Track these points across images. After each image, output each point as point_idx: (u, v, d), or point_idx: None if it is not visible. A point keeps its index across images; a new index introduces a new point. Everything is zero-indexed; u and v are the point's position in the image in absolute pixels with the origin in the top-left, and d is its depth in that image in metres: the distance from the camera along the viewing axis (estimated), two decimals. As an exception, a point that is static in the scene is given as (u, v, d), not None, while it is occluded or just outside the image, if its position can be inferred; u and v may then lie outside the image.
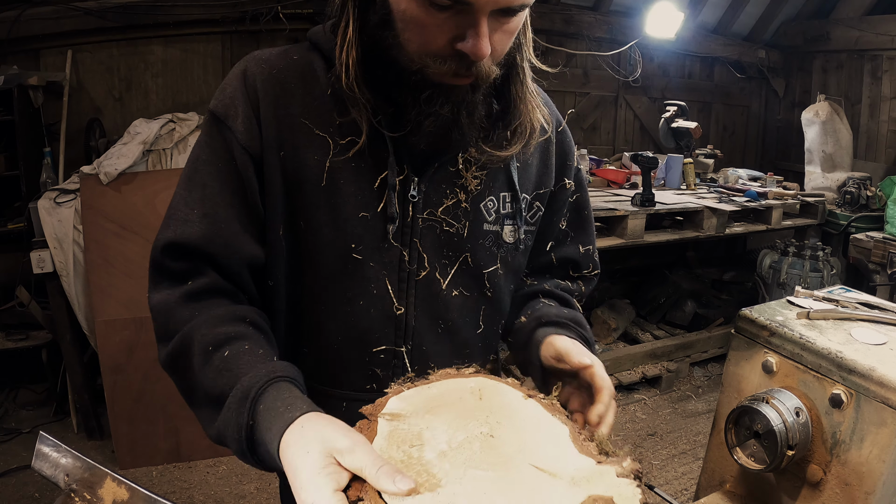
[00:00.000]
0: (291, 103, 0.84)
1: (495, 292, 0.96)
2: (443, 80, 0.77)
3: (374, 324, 0.89)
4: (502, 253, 0.95)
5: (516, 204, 0.94)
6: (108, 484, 0.81)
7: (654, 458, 2.99)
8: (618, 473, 0.70)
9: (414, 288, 0.90)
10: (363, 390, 0.92)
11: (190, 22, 3.42)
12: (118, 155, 2.81)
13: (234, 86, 0.85)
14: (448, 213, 0.89)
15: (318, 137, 0.84)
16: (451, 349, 0.95)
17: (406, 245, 0.88)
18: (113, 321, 2.70)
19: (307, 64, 0.86)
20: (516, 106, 0.86)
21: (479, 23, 0.71)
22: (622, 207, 3.24)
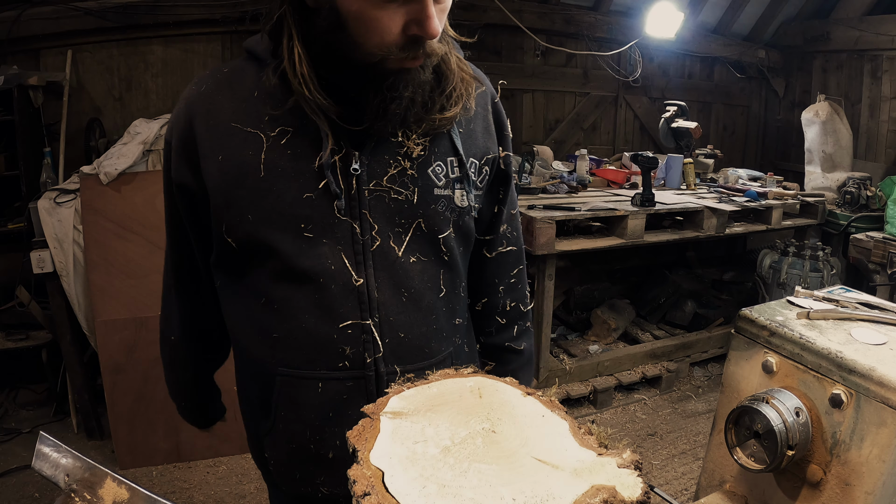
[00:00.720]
0: (220, 112, 0.91)
1: (451, 256, 1.00)
2: (401, 66, 0.83)
3: (337, 299, 0.92)
4: (455, 217, 0.98)
5: (463, 169, 0.98)
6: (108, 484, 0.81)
7: (654, 458, 2.99)
8: (618, 464, 0.71)
9: (371, 259, 0.92)
10: (336, 369, 0.94)
11: (190, 22, 3.42)
12: (118, 155, 2.81)
13: (174, 117, 0.96)
14: (394, 181, 0.92)
15: (250, 134, 0.90)
16: (418, 317, 0.97)
17: (356, 218, 0.91)
18: (113, 321, 2.70)
19: (237, 72, 0.94)
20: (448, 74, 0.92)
21: (426, 6, 0.78)
22: (622, 207, 3.24)
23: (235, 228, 0.92)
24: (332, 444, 0.97)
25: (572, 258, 4.20)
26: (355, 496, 0.65)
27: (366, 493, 0.64)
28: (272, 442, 1.02)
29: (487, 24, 4.08)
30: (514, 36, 4.29)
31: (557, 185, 3.67)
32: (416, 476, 0.68)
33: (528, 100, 4.54)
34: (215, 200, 0.92)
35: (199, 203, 0.95)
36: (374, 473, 0.68)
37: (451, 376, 0.93)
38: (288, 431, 0.99)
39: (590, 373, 3.49)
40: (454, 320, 1.04)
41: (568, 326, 4.09)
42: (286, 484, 1.05)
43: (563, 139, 4.68)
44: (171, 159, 0.95)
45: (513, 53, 4.40)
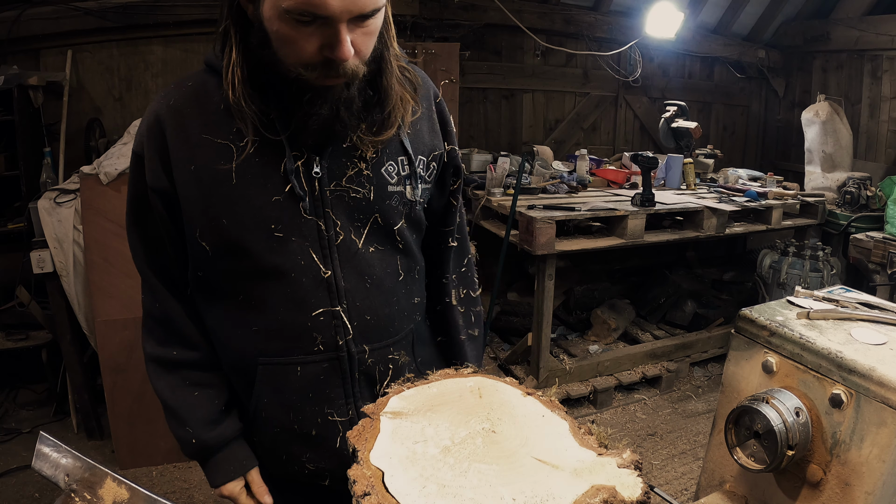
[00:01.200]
0: (190, 124, 0.98)
1: (405, 244, 1.10)
2: (319, 83, 0.90)
3: (308, 290, 1.01)
4: (406, 209, 1.08)
5: (412, 166, 1.07)
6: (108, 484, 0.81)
7: (654, 458, 2.99)
8: (618, 464, 0.71)
9: (336, 252, 1.02)
10: (312, 353, 1.03)
11: (190, 22, 3.42)
12: (118, 155, 2.81)
13: (142, 129, 1.02)
14: (352, 181, 1.01)
15: (220, 145, 0.96)
16: (381, 301, 1.07)
17: (320, 216, 1.00)
18: (113, 321, 2.70)
19: (201, 86, 1.00)
20: (388, 94, 0.99)
21: (339, 31, 0.83)
22: (622, 207, 3.24)
23: (210, 232, 0.99)
24: (313, 423, 1.06)
25: (572, 258, 4.20)
26: (355, 496, 0.65)
27: (366, 493, 0.64)
28: (257, 428, 1.11)
29: (487, 24, 4.08)
30: (514, 36, 4.29)
31: (557, 185, 3.67)
32: (416, 476, 0.68)
33: (528, 100, 4.54)
34: (188, 207, 0.99)
35: (175, 207, 1.01)
36: (374, 473, 0.68)
37: (451, 376, 0.93)
38: (271, 416, 1.07)
39: (590, 373, 3.49)
40: (413, 300, 1.15)
41: (568, 326, 4.09)
42: (273, 466, 1.13)
43: (563, 139, 4.68)
44: (146, 168, 1.00)
45: (513, 53, 4.40)
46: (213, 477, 1.11)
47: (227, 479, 1.10)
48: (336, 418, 1.06)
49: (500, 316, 3.96)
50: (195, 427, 1.09)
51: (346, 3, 0.81)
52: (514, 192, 3.23)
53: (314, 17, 0.82)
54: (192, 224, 0.99)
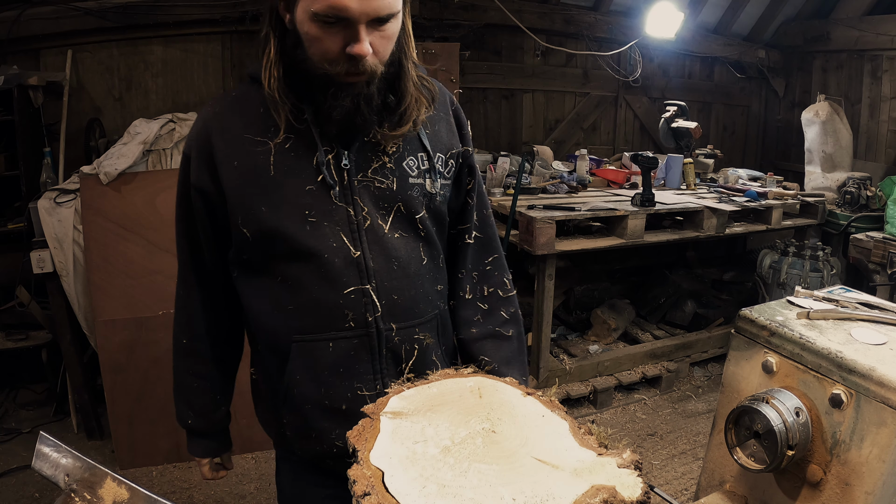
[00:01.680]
0: (233, 127, 1.11)
1: (427, 233, 1.19)
2: (343, 80, 1.02)
3: (340, 270, 1.10)
4: (427, 201, 1.18)
5: (430, 161, 1.18)
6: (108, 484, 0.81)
7: (654, 458, 2.99)
8: (618, 464, 0.71)
9: (364, 235, 1.12)
10: (343, 329, 1.12)
11: (190, 22, 3.42)
12: (118, 155, 2.81)
13: (191, 133, 1.16)
14: (377, 173, 1.13)
15: (259, 142, 1.10)
16: (407, 283, 1.16)
17: (349, 203, 1.11)
18: (113, 321, 2.70)
19: (243, 94, 1.15)
20: (405, 95, 1.11)
21: (358, 31, 0.97)
22: (622, 207, 3.24)
23: (250, 220, 1.10)
24: (343, 397, 1.14)
25: (572, 258, 4.20)
26: (355, 496, 0.65)
27: (366, 493, 0.64)
28: (288, 407, 1.18)
29: (487, 24, 4.08)
30: (514, 36, 4.29)
31: (557, 185, 3.67)
32: (416, 476, 0.68)
33: (528, 100, 4.54)
34: (232, 198, 1.11)
35: (216, 204, 1.14)
36: (374, 473, 0.68)
37: (451, 376, 0.93)
38: (303, 393, 1.15)
39: (590, 373, 3.49)
40: (436, 286, 1.23)
41: (568, 326, 4.09)
42: (302, 445, 1.21)
43: (563, 139, 4.68)
44: (191, 168, 1.14)
45: (513, 53, 4.40)
46: (191, 449, 1.36)
47: (202, 455, 1.36)
48: (365, 392, 1.14)
49: (500, 316, 3.95)
50: (191, 410, 1.31)
51: (363, 7, 0.94)
52: (514, 192, 3.23)
53: (337, 19, 0.95)
54: (235, 214, 1.11)
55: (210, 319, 1.26)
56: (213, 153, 1.11)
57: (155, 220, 2.75)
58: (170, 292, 1.31)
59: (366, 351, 1.13)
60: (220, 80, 3.64)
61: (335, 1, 0.93)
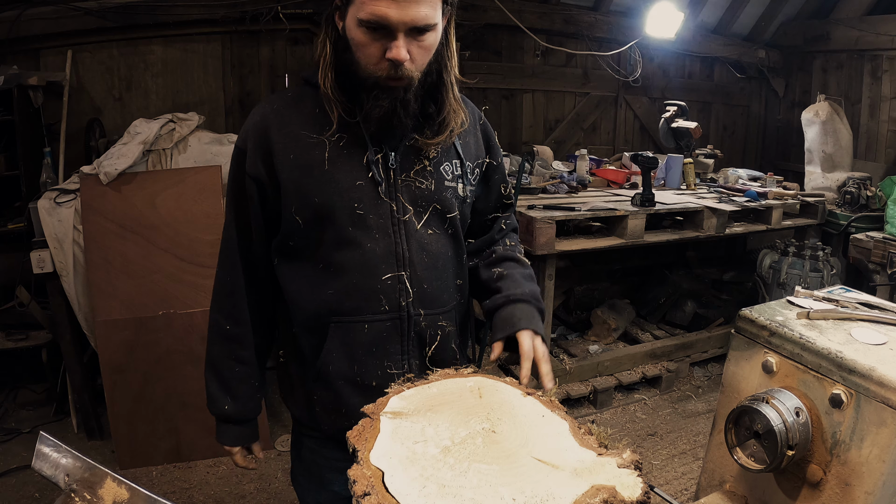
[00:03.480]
0: (290, 123, 1.23)
1: (455, 231, 1.32)
2: (384, 83, 1.13)
3: (380, 259, 1.22)
4: (458, 203, 1.31)
5: (463, 168, 1.32)
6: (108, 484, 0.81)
7: (654, 458, 2.99)
8: (618, 464, 0.71)
9: (403, 229, 1.24)
10: (379, 312, 1.23)
11: (190, 22, 3.42)
12: (118, 155, 2.81)
13: (248, 126, 1.26)
14: (418, 174, 1.25)
15: (315, 140, 1.21)
16: (435, 274, 1.28)
17: (393, 199, 1.23)
18: (113, 321, 2.70)
19: (299, 96, 1.26)
20: (444, 105, 1.23)
21: (397, 37, 1.08)
22: (622, 207, 3.24)
23: (304, 208, 1.21)
24: (374, 374, 1.25)
25: (572, 258, 4.20)
26: (355, 496, 0.65)
27: (366, 493, 0.64)
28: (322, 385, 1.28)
29: (487, 24, 4.08)
30: (514, 36, 4.29)
31: (557, 185, 3.67)
32: (416, 476, 0.68)
33: (528, 100, 4.54)
34: (288, 188, 1.21)
35: (269, 193, 1.24)
36: (374, 473, 0.68)
37: (451, 376, 0.93)
38: (338, 370, 1.25)
39: (590, 373, 3.49)
40: (458, 280, 1.35)
41: (568, 326, 4.09)
42: (331, 420, 1.30)
43: (563, 139, 4.68)
44: (247, 159, 1.23)
45: (513, 53, 4.40)
46: (222, 437, 1.39)
47: (232, 444, 1.39)
48: (394, 370, 1.25)
49: (500, 316, 3.95)
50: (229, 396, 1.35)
51: (402, 17, 1.06)
52: (514, 192, 3.23)
53: (379, 26, 1.07)
54: (288, 201, 1.21)
55: (254, 305, 1.34)
56: (271, 146, 1.21)
57: (155, 220, 2.75)
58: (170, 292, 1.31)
59: (397, 333, 1.25)
60: (220, 80, 3.64)
61: (377, 10, 1.05)
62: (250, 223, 1.29)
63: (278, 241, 1.28)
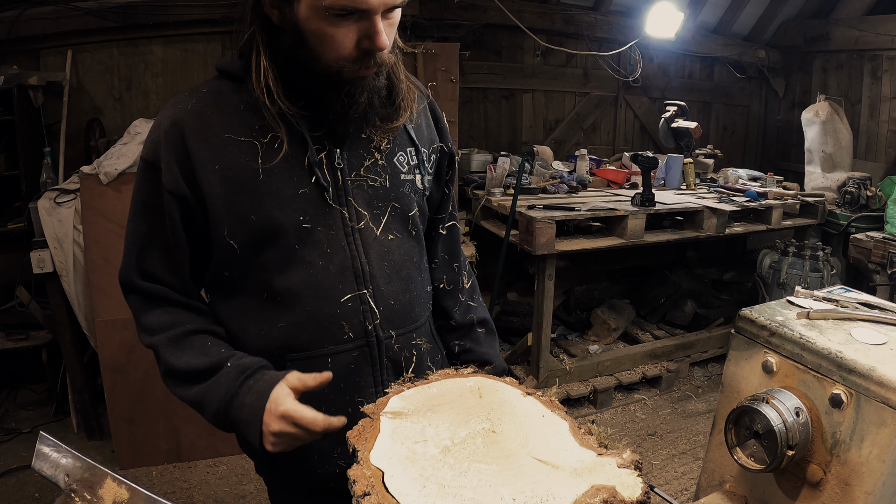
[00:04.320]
0: (212, 125, 1.00)
1: (417, 231, 1.15)
2: (353, 75, 0.95)
3: (335, 278, 1.03)
4: (417, 198, 1.14)
5: (419, 156, 1.14)
6: (108, 484, 0.81)
7: (654, 458, 2.99)
8: (618, 464, 0.71)
9: (359, 239, 1.06)
10: (342, 342, 1.05)
11: (190, 22, 3.42)
12: (118, 155, 2.81)
13: (158, 135, 1.01)
14: (370, 171, 1.07)
15: (244, 143, 0.99)
16: (401, 286, 1.10)
17: (343, 205, 1.05)
18: (113, 321, 2.70)
19: (216, 91, 1.03)
20: (397, 87, 1.04)
21: (375, 23, 0.90)
22: (622, 207, 3.24)
23: (238, 230, 1.00)
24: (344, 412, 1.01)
25: (572, 258, 4.20)
26: (355, 496, 0.65)
27: (366, 493, 0.64)
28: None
29: (487, 24, 4.08)
30: (514, 36, 4.29)
31: (557, 185, 3.67)
32: (416, 476, 0.68)
33: (528, 100, 4.54)
34: (215, 207, 0.99)
35: (195, 212, 1.01)
36: (374, 473, 0.68)
37: (451, 376, 0.93)
38: None
39: (590, 373, 3.49)
40: (426, 287, 1.19)
41: (568, 326, 4.09)
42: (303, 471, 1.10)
43: (563, 139, 4.68)
44: (163, 172, 0.99)
45: (513, 53, 4.40)
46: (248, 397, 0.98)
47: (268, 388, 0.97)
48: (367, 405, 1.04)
49: (500, 316, 3.96)
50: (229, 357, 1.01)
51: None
52: (514, 192, 3.23)
53: (352, 11, 0.88)
54: (219, 223, 1.00)
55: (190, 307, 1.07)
56: (188, 155, 0.98)
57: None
58: None
59: (366, 362, 1.06)
60: (220, 80, 3.64)
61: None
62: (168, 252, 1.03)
63: (210, 273, 1.07)
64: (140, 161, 1.04)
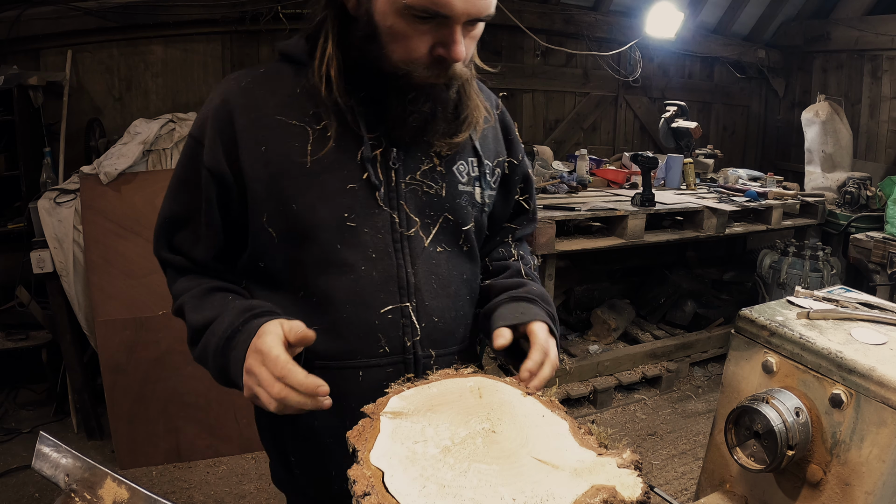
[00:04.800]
0: (263, 106, 0.95)
1: (470, 248, 1.07)
2: (422, 81, 0.89)
3: (377, 286, 0.96)
4: (475, 212, 1.06)
5: (481, 168, 1.06)
6: (108, 484, 0.81)
7: (654, 458, 2.99)
8: (618, 464, 0.71)
9: (407, 247, 0.98)
10: (376, 356, 0.97)
11: (190, 22, 3.42)
12: (118, 155, 2.81)
13: (207, 111, 0.98)
14: (426, 176, 0.99)
15: (296, 127, 0.94)
16: (448, 303, 1.02)
17: (394, 208, 0.97)
18: (113, 321, 2.70)
19: (275, 73, 0.99)
20: (466, 103, 0.99)
21: (454, 31, 0.85)
22: (622, 207, 3.24)
23: (278, 218, 0.94)
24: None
25: (572, 258, 4.20)
26: (355, 496, 0.65)
27: (366, 493, 0.64)
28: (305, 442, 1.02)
29: (487, 23, 4.07)
30: (514, 36, 4.29)
31: (557, 185, 3.67)
32: (416, 476, 0.68)
33: (528, 100, 4.53)
34: (256, 191, 0.94)
35: (232, 195, 0.96)
36: (373, 473, 0.68)
37: (451, 376, 0.93)
38: (325, 426, 0.98)
39: (590, 373, 3.49)
40: (475, 308, 1.09)
41: (568, 326, 4.09)
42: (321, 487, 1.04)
43: (563, 139, 4.68)
44: (206, 149, 0.95)
45: (513, 53, 4.40)
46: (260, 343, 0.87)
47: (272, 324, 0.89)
48: None
49: (500, 316, 3.96)
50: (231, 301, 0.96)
51: (468, 5, 0.84)
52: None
53: (434, 15, 0.83)
54: (258, 208, 0.95)
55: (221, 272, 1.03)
56: (235, 134, 0.94)
57: (155, 220, 2.75)
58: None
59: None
60: (220, 80, 3.63)
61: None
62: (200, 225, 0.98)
63: (245, 262, 1.01)
64: (188, 137, 1.00)
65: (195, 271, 1.03)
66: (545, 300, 1.06)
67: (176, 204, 1.01)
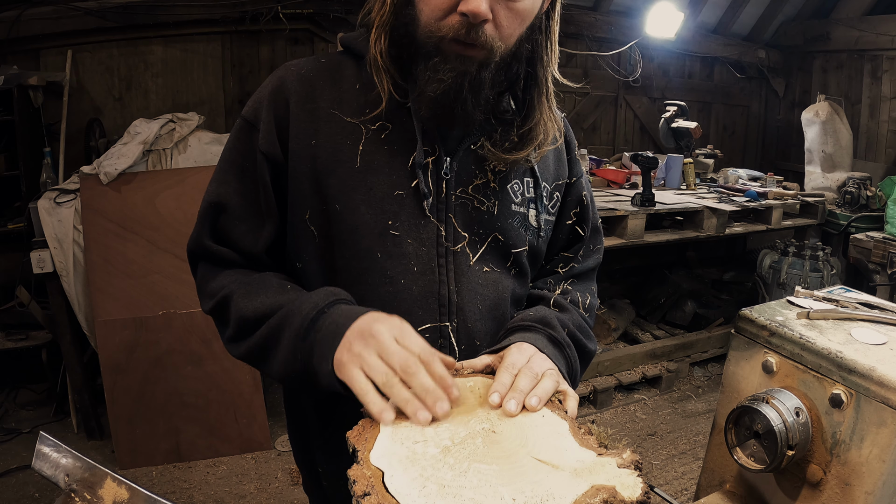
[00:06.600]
0: (320, 98, 0.91)
1: (520, 272, 1.00)
2: (449, 49, 0.82)
3: (416, 302, 0.90)
4: (529, 236, 0.98)
5: (538, 190, 0.99)
6: (108, 484, 0.81)
7: (654, 458, 2.99)
8: (618, 464, 0.71)
9: (452, 263, 0.92)
10: None
11: (190, 22, 3.42)
12: (118, 155, 2.81)
13: (262, 94, 0.93)
14: (478, 191, 0.93)
15: (349, 124, 0.90)
16: (493, 327, 0.96)
17: (442, 220, 0.91)
18: (113, 321, 2.70)
19: (336, 65, 0.94)
20: (531, 114, 0.92)
21: None
22: (622, 207, 3.24)
23: (319, 216, 0.90)
24: None
25: (572, 258, 4.19)
26: (355, 496, 0.65)
27: (366, 493, 0.64)
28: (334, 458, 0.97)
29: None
30: (514, 36, 4.29)
31: (557, 185, 3.67)
32: (416, 476, 0.68)
33: (528, 100, 4.53)
34: (300, 185, 0.90)
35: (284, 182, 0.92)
36: (374, 473, 0.68)
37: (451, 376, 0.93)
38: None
39: (590, 373, 3.49)
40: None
41: (568, 326, 4.09)
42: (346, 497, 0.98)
43: (563, 139, 4.68)
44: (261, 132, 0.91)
45: (513, 53, 4.39)
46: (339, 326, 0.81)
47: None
48: None
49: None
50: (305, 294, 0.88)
51: None
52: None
53: None
54: (302, 203, 0.90)
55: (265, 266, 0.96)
56: (287, 122, 0.90)
57: (155, 220, 2.75)
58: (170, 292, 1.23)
59: None
60: (220, 80, 3.64)
61: None
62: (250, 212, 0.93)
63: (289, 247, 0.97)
64: (239, 119, 0.94)
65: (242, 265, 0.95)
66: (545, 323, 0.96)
67: (224, 188, 0.94)
